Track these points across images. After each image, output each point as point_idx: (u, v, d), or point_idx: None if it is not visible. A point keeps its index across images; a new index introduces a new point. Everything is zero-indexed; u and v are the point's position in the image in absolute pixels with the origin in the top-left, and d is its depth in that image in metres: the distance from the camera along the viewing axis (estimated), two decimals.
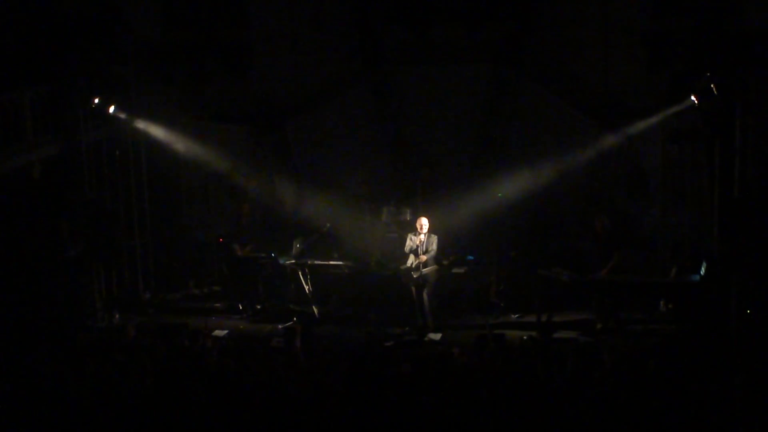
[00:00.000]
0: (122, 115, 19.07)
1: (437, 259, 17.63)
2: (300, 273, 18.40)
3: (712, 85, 17.32)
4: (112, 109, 18.83)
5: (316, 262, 18.48)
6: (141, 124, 19.47)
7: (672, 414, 12.68)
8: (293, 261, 18.48)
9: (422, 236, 17.41)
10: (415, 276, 17.45)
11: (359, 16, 20.70)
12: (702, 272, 16.96)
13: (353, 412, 13.33)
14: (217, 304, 19.35)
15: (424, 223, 17.49)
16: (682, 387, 13.15)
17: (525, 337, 16.49)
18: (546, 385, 13.41)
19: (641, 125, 19.10)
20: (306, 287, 18.39)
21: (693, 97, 17.78)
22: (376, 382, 13.89)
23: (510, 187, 19.84)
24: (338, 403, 13.67)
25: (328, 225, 19.22)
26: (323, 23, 21.05)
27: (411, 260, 17.47)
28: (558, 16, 20.39)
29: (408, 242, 17.56)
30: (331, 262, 18.66)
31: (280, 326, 17.96)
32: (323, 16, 21.06)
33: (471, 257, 19.44)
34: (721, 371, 14.68)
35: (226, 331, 17.84)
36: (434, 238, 17.49)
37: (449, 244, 18.80)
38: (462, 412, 13.05)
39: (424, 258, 17.37)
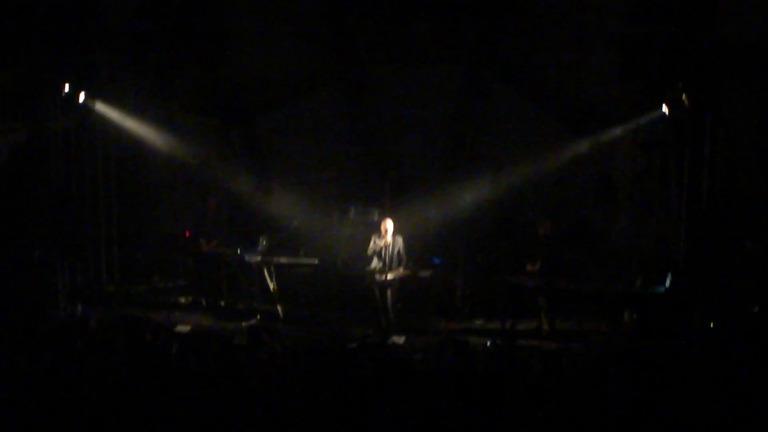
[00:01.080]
0: (92, 103, 18.92)
1: (402, 262, 17.55)
2: (265, 270, 18.33)
3: (683, 96, 17.37)
4: (81, 96, 18.67)
5: (282, 260, 18.39)
6: (110, 113, 19.31)
7: (632, 426, 12.73)
8: (259, 258, 18.40)
9: (387, 238, 17.35)
10: (378, 279, 17.41)
11: (334, 12, 20.59)
12: (667, 284, 17.01)
13: (315, 412, 13.32)
14: (182, 299, 19.26)
15: (388, 226, 17.36)
16: (642, 398, 13.20)
17: (489, 343, 16.48)
18: (508, 393, 13.43)
19: (612, 133, 19.15)
20: (271, 285, 18.31)
21: (664, 107, 17.81)
22: (338, 383, 13.88)
23: (479, 191, 19.86)
24: (300, 403, 13.67)
25: (296, 222, 19.15)
26: (298, 18, 20.93)
27: (375, 263, 17.42)
28: (534, 19, 20.32)
29: (371, 244, 17.42)
30: (297, 261, 18.58)
31: (243, 324, 17.92)
32: (299, 10, 20.92)
33: (437, 260, 19.37)
34: (682, 384, 14.78)
35: (188, 327, 17.75)
36: (400, 241, 17.37)
37: (416, 247, 18.73)
38: (422, 417, 13.07)
39: (390, 275, 17.32)
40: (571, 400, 13.38)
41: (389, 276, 17.27)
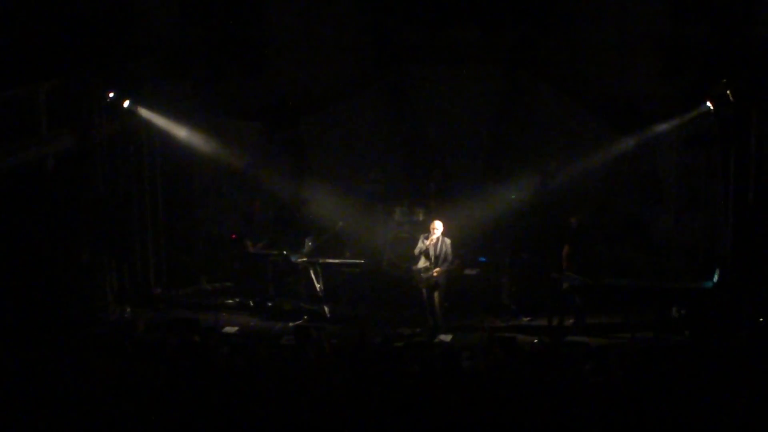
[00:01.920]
0: (136, 110, 19.11)
1: (449, 261, 17.57)
2: (311, 271, 18.40)
3: (727, 92, 17.29)
4: (126, 103, 18.87)
5: (328, 260, 18.46)
6: (155, 119, 19.53)
7: (682, 422, 12.66)
8: (305, 259, 18.47)
9: (434, 238, 17.39)
10: (425, 277, 17.44)
11: (374, 17, 20.62)
12: (715, 279, 16.93)
13: (361, 412, 13.35)
14: (229, 301, 19.35)
15: (437, 226, 17.41)
16: (692, 394, 13.13)
17: (536, 341, 16.45)
18: (555, 390, 13.39)
19: (656, 130, 19.07)
20: (317, 285, 18.38)
21: (708, 103, 17.74)
22: (385, 382, 13.90)
23: (523, 190, 19.85)
24: (346, 403, 13.69)
25: (341, 223, 19.20)
26: (338, 22, 21.00)
27: (422, 262, 17.46)
28: (574, 18, 20.24)
29: (419, 244, 17.49)
30: (343, 261, 18.64)
31: (291, 324, 17.99)
32: (338, 15, 20.99)
33: (483, 259, 19.38)
34: (732, 379, 14.68)
35: (236, 328, 17.84)
36: (447, 242, 17.44)
37: (462, 245, 18.77)
38: (468, 415, 13.06)
39: (438, 271, 17.38)
40: (619, 397, 13.35)
41: (435, 273, 17.32)
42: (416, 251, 17.54)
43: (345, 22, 20.96)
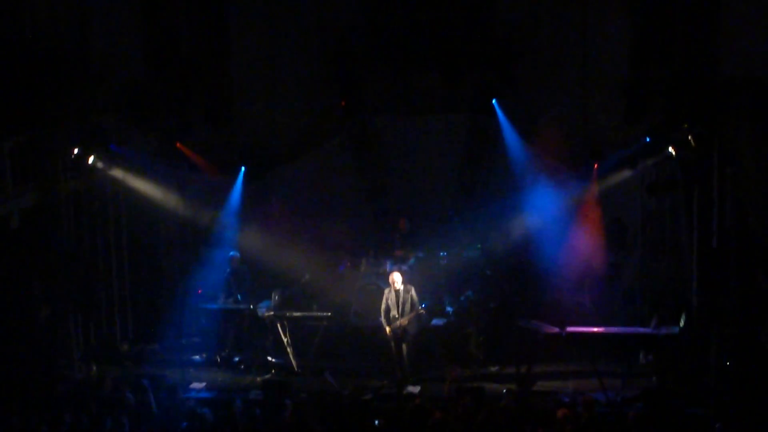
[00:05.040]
0: (101, 165, 19.08)
1: (415, 308, 17.62)
2: (279, 325, 18.35)
3: (689, 136, 17.41)
4: (91, 159, 18.84)
5: (295, 313, 18.42)
6: (120, 174, 19.51)
7: None
8: (272, 313, 18.42)
9: (397, 288, 17.52)
10: (393, 327, 17.45)
11: (339, 66, 20.70)
12: (681, 323, 16.97)
13: None
14: (195, 357, 19.21)
15: (396, 279, 17.64)
16: None
17: (504, 390, 16.40)
18: None
19: (620, 176, 19.17)
20: (285, 339, 18.31)
21: (671, 149, 17.86)
22: None
23: (489, 237, 19.88)
24: None
25: (307, 276, 19.14)
26: (304, 73, 21.07)
27: (390, 312, 17.58)
28: (538, 65, 20.39)
29: (384, 301, 17.69)
30: (310, 314, 18.59)
31: (259, 378, 17.91)
32: (304, 66, 21.07)
33: (450, 308, 19.36)
34: (701, 423, 14.71)
35: (203, 384, 17.74)
36: (411, 290, 17.60)
37: (429, 296, 18.83)
38: None
39: (404, 321, 17.39)
40: None
41: (403, 321, 17.33)
42: (383, 306, 17.68)
43: (311, 73, 21.03)
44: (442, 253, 20.10)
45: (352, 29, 20.78)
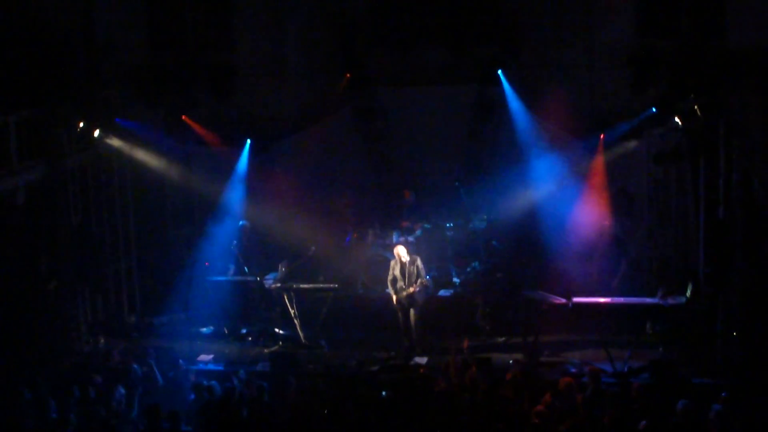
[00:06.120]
0: (107, 139, 19.08)
1: (421, 277, 17.74)
2: (285, 297, 18.40)
3: (695, 107, 17.36)
4: (96, 133, 18.84)
5: (302, 285, 18.47)
6: (126, 148, 19.52)
7: None
8: (279, 285, 18.46)
9: (403, 261, 17.66)
10: (401, 297, 17.49)
11: (344, 39, 20.64)
12: (688, 293, 16.97)
13: None
14: (203, 329, 19.25)
15: (401, 252, 17.83)
16: (668, 410, 13.16)
17: (511, 361, 16.46)
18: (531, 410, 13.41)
19: (626, 146, 19.14)
20: (291, 311, 18.35)
21: (677, 119, 17.80)
22: (361, 406, 13.90)
23: (496, 209, 19.88)
24: (323, 427, 13.69)
25: (313, 248, 19.14)
26: (309, 46, 21.02)
27: (397, 283, 17.70)
28: (543, 37, 20.30)
29: (390, 272, 17.82)
30: (317, 286, 18.63)
31: (266, 350, 17.97)
32: (309, 38, 21.01)
33: (457, 279, 19.40)
34: (707, 393, 14.72)
35: (211, 356, 17.80)
36: (418, 261, 17.74)
37: (435, 267, 18.86)
38: None
39: (411, 290, 17.46)
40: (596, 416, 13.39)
41: (410, 290, 17.40)
42: (389, 278, 17.77)
43: (315, 46, 20.98)
44: (448, 224, 20.15)
45: (357, 1, 20.74)
